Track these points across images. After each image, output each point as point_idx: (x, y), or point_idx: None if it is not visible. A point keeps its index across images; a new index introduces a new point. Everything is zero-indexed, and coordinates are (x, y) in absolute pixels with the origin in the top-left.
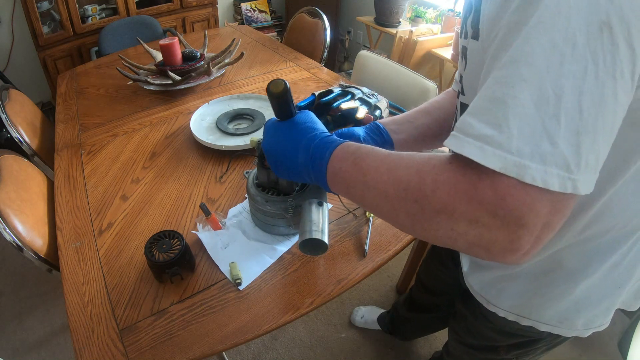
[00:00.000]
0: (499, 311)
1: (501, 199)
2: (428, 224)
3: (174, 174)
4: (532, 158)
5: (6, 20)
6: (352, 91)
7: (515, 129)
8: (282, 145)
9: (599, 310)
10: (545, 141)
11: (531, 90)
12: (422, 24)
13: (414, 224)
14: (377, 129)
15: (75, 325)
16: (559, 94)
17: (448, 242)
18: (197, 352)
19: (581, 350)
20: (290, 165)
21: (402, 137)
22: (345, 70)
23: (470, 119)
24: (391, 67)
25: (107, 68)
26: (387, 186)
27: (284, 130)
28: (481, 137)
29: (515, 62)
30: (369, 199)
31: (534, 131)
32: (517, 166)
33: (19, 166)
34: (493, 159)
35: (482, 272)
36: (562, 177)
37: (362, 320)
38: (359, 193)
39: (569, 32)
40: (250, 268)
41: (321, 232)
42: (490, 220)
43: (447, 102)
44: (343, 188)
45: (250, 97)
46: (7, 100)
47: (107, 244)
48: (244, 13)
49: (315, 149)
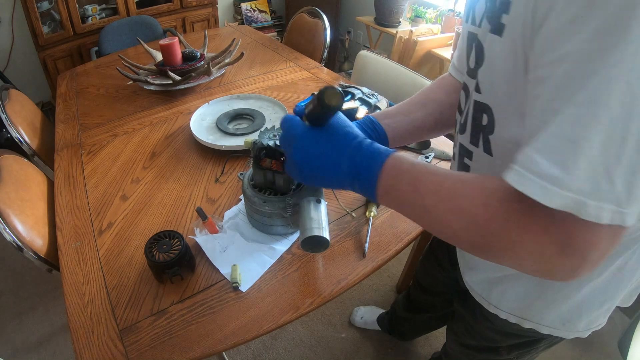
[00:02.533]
0: (501, 313)
1: (568, 238)
2: (493, 254)
3: (174, 174)
4: (590, 196)
5: (6, 20)
6: (352, 91)
7: (581, 170)
8: (321, 154)
9: (600, 312)
10: (604, 180)
11: (602, 132)
12: (422, 24)
13: (474, 251)
14: (371, 123)
15: (75, 325)
16: (625, 135)
17: (511, 267)
18: (197, 352)
19: (581, 350)
20: (329, 175)
21: (397, 131)
22: (345, 70)
23: (537, 157)
24: (391, 67)
25: (107, 68)
26: (449, 215)
27: (323, 138)
28: (547, 177)
29: (593, 103)
30: (427, 221)
31: (596, 171)
32: (576, 203)
33: (19, 166)
34: (556, 198)
35: (482, 273)
36: (614, 212)
37: (361, 320)
38: (417, 214)
39: None
40: (251, 269)
41: (322, 228)
42: (556, 256)
43: (442, 93)
44: (396, 206)
45: (250, 97)
46: (7, 100)
47: (107, 244)
48: (244, 13)
49: (361, 159)
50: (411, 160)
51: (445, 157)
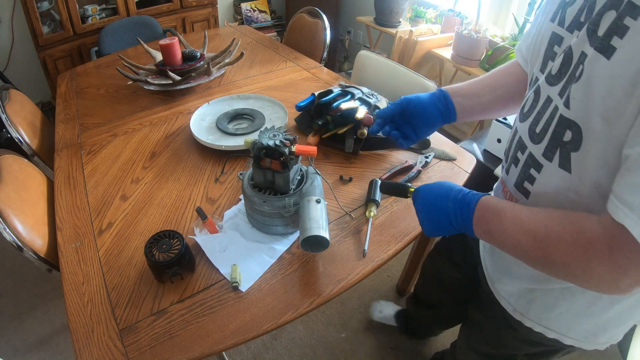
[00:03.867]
0: (526, 321)
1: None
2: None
3: (173, 174)
4: None
5: (6, 20)
6: (352, 91)
7: None
8: (433, 201)
9: (623, 328)
10: None
11: None
12: (422, 24)
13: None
14: (444, 99)
15: (75, 325)
16: None
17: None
18: (197, 352)
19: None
20: (440, 217)
21: (466, 110)
22: (345, 70)
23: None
24: (391, 67)
25: (107, 68)
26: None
27: (435, 189)
28: None
29: None
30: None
31: None
32: None
33: (19, 166)
34: None
35: (513, 281)
36: None
37: (380, 315)
38: (497, 239)
39: None
40: (250, 269)
41: (322, 228)
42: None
43: (512, 80)
44: (485, 233)
45: (250, 97)
46: (7, 100)
47: (107, 244)
48: (244, 13)
49: (462, 197)
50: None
51: (445, 157)
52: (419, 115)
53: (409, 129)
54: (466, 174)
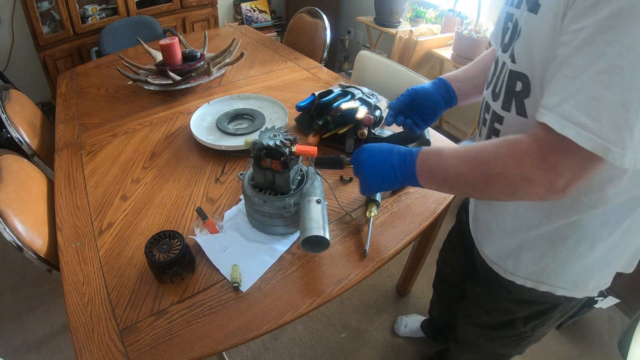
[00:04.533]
0: (517, 279)
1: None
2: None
3: (174, 174)
4: (615, 144)
5: (6, 20)
6: (352, 91)
7: (606, 122)
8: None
9: (607, 272)
10: (626, 132)
11: (621, 94)
12: (422, 24)
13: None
14: (445, 86)
15: (75, 325)
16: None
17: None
18: (197, 352)
19: (581, 350)
20: (384, 168)
21: (464, 93)
22: (345, 70)
23: (571, 109)
24: (391, 67)
25: (107, 68)
26: (461, 165)
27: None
28: (580, 124)
29: (611, 71)
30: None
31: (619, 125)
32: (604, 148)
33: (19, 166)
34: (587, 141)
35: (499, 241)
36: (632, 158)
37: (406, 329)
38: (441, 177)
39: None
40: (251, 269)
41: (323, 229)
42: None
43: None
44: (428, 175)
45: (250, 97)
46: (7, 100)
47: (107, 244)
48: (244, 13)
49: (405, 150)
50: (435, 148)
51: None
52: (427, 103)
53: (418, 117)
54: None
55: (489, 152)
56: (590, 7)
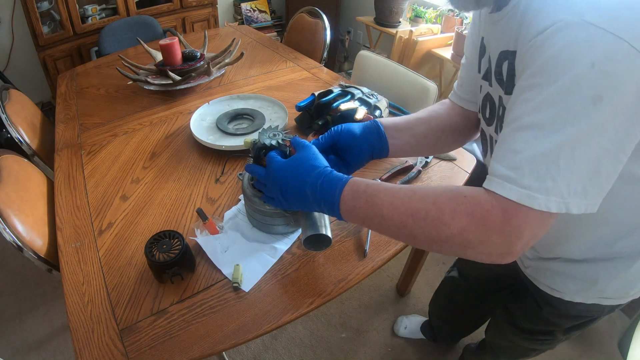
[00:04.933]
0: (565, 296)
1: (507, 220)
2: (445, 244)
3: (174, 174)
4: (539, 191)
5: (6, 20)
6: (352, 91)
7: (527, 171)
8: (288, 183)
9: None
10: (548, 180)
11: (542, 146)
12: (422, 24)
13: (430, 245)
14: (377, 133)
15: (75, 325)
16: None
17: (459, 254)
18: (197, 352)
19: (581, 350)
20: (300, 199)
21: (398, 143)
22: (345, 70)
23: (495, 164)
24: (391, 67)
25: (107, 68)
26: (404, 217)
27: (289, 170)
28: (503, 177)
29: (530, 127)
30: (386, 228)
31: (539, 173)
32: (529, 197)
33: (19, 166)
34: (511, 192)
35: (544, 264)
36: (559, 203)
37: (405, 330)
38: (375, 225)
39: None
40: (252, 269)
41: (325, 227)
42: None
43: (444, 112)
44: (359, 220)
45: (250, 97)
46: (7, 100)
47: (107, 244)
48: (244, 13)
49: (322, 187)
50: (366, 181)
51: (445, 157)
52: (349, 149)
53: (339, 162)
54: (466, 174)
55: (444, 210)
56: (521, 72)
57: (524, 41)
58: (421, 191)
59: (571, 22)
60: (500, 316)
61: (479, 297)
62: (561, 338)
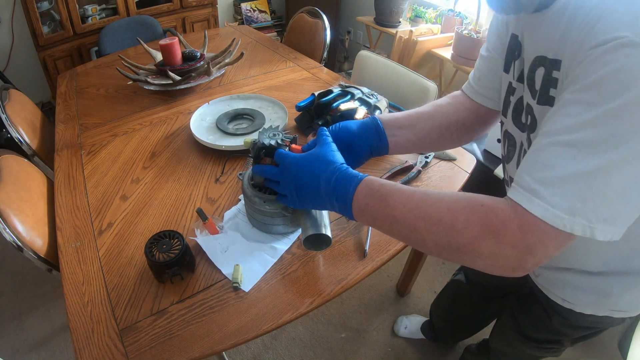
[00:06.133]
0: (576, 307)
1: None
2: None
3: (174, 174)
4: (566, 211)
5: (6, 20)
6: (352, 91)
7: (557, 189)
8: (303, 178)
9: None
10: (578, 201)
11: (578, 166)
12: (422, 24)
13: (440, 252)
14: (376, 130)
15: (75, 325)
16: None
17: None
18: (197, 352)
19: (581, 350)
20: (313, 195)
21: (399, 140)
22: (345, 70)
23: (524, 174)
24: (391, 67)
25: (107, 68)
26: (416, 221)
27: (305, 164)
28: (531, 190)
29: (569, 145)
30: (397, 230)
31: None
32: (554, 216)
33: (19, 166)
34: (536, 207)
35: (557, 274)
36: (584, 226)
37: (406, 330)
38: (386, 226)
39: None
40: (252, 269)
41: (325, 226)
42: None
43: (450, 107)
44: (370, 220)
45: (250, 97)
46: (7, 100)
47: (107, 244)
48: (244, 13)
49: (337, 183)
50: (381, 181)
51: (445, 157)
52: (347, 148)
53: None
54: (466, 174)
55: (457, 217)
56: (569, 83)
57: (576, 50)
58: (436, 196)
59: (634, 42)
60: (507, 323)
61: (484, 301)
62: (568, 346)
